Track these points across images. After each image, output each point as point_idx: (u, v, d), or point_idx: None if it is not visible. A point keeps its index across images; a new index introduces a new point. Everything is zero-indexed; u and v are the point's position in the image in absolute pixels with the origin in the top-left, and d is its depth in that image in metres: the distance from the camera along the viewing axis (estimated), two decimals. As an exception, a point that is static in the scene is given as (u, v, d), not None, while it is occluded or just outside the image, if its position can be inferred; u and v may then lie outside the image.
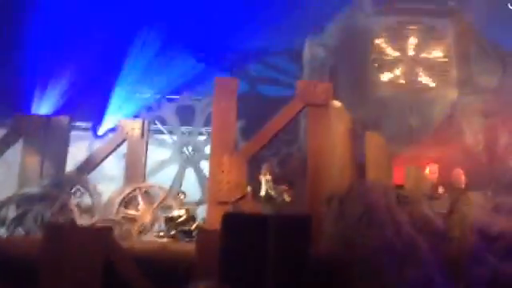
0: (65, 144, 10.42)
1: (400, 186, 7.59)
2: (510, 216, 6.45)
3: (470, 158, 10.79)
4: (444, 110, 11.70)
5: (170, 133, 13.70)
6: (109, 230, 7.67)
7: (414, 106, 11.54)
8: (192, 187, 12.17)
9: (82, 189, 9.38)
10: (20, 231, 8.54)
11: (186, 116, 13.73)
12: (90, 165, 10.28)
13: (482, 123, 11.87)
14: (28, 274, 6.59)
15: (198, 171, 13.06)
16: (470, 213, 6.46)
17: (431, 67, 12.34)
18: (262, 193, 8.33)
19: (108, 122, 12.82)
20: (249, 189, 8.53)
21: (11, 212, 8.70)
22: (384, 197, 6.69)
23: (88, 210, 9.18)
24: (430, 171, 8.58)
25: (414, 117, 11.38)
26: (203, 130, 13.60)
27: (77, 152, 11.56)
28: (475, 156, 10.95)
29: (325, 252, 6.49)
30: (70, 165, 10.60)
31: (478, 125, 11.78)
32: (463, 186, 8.26)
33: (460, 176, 8.50)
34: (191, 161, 13.32)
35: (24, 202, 8.66)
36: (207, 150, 12.82)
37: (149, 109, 13.64)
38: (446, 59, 12.33)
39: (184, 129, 13.55)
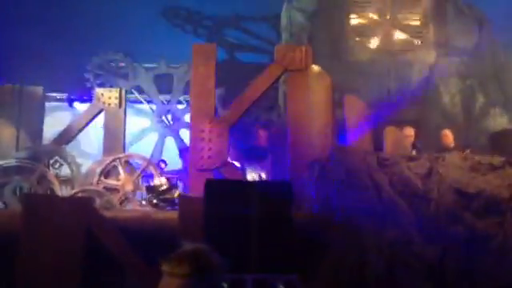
0: (40, 115, 10.23)
1: (380, 149, 7.67)
2: (487, 175, 6.58)
3: (447, 120, 10.93)
4: (421, 72, 11.75)
5: (149, 102, 13.56)
6: (90, 199, 7.64)
7: (392, 68, 11.56)
8: (172, 156, 12.14)
9: (60, 160, 9.26)
10: (-1, 204, 8.44)
11: (164, 84, 13.58)
12: (67, 136, 10.13)
13: (458, 85, 11.99)
14: (8, 246, 6.54)
15: (178, 140, 13.01)
16: (447, 173, 6.56)
17: (408, 30, 12.33)
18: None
19: (84, 92, 12.63)
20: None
21: (-12, 185, 8.57)
22: (364, 160, 6.75)
23: (68, 181, 9.10)
24: (406, 134, 8.68)
25: (392, 80, 11.42)
26: (182, 98, 13.48)
27: (54, 123, 11.39)
28: (452, 117, 11.09)
29: (307, 216, 6.56)
30: (48, 136, 10.45)
31: (454, 86, 11.89)
32: (452, 146, 8.40)
33: (448, 136, 8.63)
34: (171, 129, 13.25)
35: (1, 174, 8.52)
36: (187, 118, 12.76)
37: (126, 78, 13.44)
38: (423, 21, 12.32)
39: (162, 97, 13.42)
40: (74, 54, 12.92)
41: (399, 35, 12.11)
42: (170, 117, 13.39)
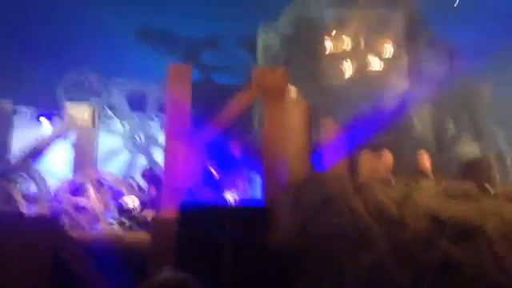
0: (7, 130, 9.92)
1: (355, 172, 7.68)
2: (460, 201, 6.65)
3: (420, 146, 11.08)
4: (395, 99, 11.95)
5: (121, 119, 13.36)
6: (57, 219, 7.40)
7: (366, 94, 11.73)
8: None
9: (26, 176, 8.97)
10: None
11: (137, 102, 13.42)
12: (35, 152, 9.84)
13: (430, 112, 12.23)
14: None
15: (150, 159, 12.82)
16: (422, 199, 6.60)
17: (382, 56, 12.56)
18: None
19: (54, 108, 12.34)
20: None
21: (-49, 202, 8.23)
22: (340, 185, 6.74)
23: (34, 199, 8.81)
24: (384, 158, 8.72)
25: (366, 105, 11.56)
26: (154, 116, 13.34)
27: (21, 139, 11.06)
28: (425, 143, 11.26)
29: (281, 241, 6.48)
30: (15, 151, 10.13)
31: (426, 113, 12.12)
32: (429, 169, 8.48)
33: (423, 156, 8.73)
34: (143, 148, 13.05)
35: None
36: (159, 137, 12.60)
37: (98, 94, 13.24)
38: (396, 49, 12.58)
39: (135, 115, 13.25)
40: (45, 68, 12.69)
41: (373, 61, 12.32)
42: (142, 135, 13.20)
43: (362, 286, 6.17)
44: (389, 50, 12.67)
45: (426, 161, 8.84)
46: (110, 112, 13.14)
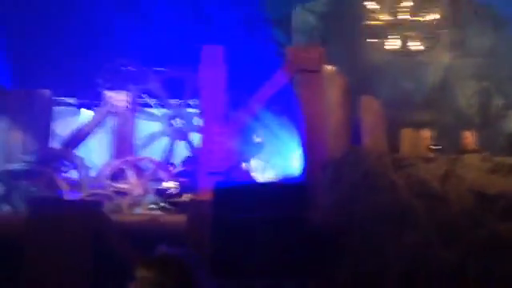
0: (48, 119, 10.12)
1: (396, 150, 7.45)
2: (507, 177, 6.32)
3: (462, 122, 10.67)
4: (437, 74, 11.51)
5: (159, 106, 13.42)
6: (98, 203, 7.49)
7: (407, 70, 11.35)
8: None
9: (68, 163, 9.13)
10: (7, 208, 8.31)
11: (173, 88, 13.43)
12: (76, 139, 10.01)
13: (474, 86, 11.74)
14: (15, 250, 6.41)
15: (188, 143, 12.83)
16: (466, 175, 6.31)
17: (424, 31, 12.11)
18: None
19: (93, 96, 12.51)
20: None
21: (-4, 189, 8.47)
22: (380, 161, 6.52)
23: (76, 185, 8.96)
24: (423, 136, 8.44)
25: (407, 81, 11.19)
26: (191, 101, 13.32)
27: (63, 127, 11.28)
28: (468, 119, 10.83)
29: (321, 219, 6.33)
30: (57, 140, 10.33)
31: (470, 88, 11.64)
32: (472, 148, 8.14)
33: (469, 138, 8.37)
34: (181, 133, 13.07)
35: (9, 178, 8.41)
36: (197, 121, 12.59)
37: (135, 82, 13.32)
38: (439, 22, 12.10)
39: (172, 101, 13.26)
40: (84, 58, 12.85)
41: (414, 36, 11.90)
42: (179, 120, 13.22)
43: (406, 265, 5.97)
44: (430, 23, 12.21)
45: (470, 143, 8.44)
46: (147, 99, 13.22)
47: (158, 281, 1.65)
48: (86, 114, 12.41)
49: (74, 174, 9.30)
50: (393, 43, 11.90)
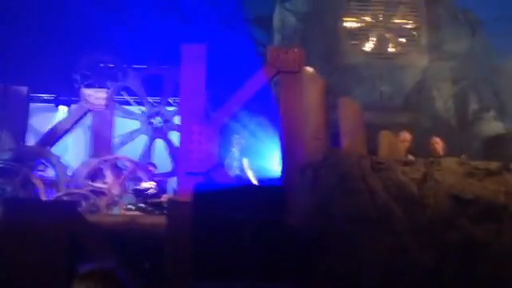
0: (24, 115, 9.94)
1: (374, 153, 7.50)
2: (484, 181, 6.42)
3: (440, 124, 10.81)
4: (414, 76, 11.64)
5: (138, 103, 13.29)
6: (75, 203, 7.39)
7: (386, 72, 11.44)
8: (161, 159, 11.87)
9: (45, 162, 8.99)
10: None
11: (153, 86, 13.31)
12: (52, 137, 9.85)
13: (451, 89, 11.90)
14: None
15: (168, 142, 12.74)
16: (443, 178, 6.39)
17: (401, 33, 12.23)
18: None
19: (71, 93, 12.33)
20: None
21: (-30, 187, 8.29)
22: (358, 164, 6.56)
23: (52, 184, 8.83)
24: (402, 138, 8.52)
25: (386, 83, 11.29)
26: (171, 100, 13.23)
27: (39, 124, 11.10)
28: (445, 121, 10.98)
29: (299, 222, 6.36)
30: (33, 138, 10.16)
31: (447, 91, 11.79)
32: (440, 153, 8.23)
33: (438, 144, 8.45)
34: (160, 132, 12.98)
35: (-16, 177, 8.25)
36: (176, 120, 12.51)
37: (114, 79, 13.16)
38: (416, 25, 12.23)
39: (152, 99, 13.14)
40: (61, 54, 12.64)
41: (392, 39, 12.00)
42: (159, 119, 13.12)
43: (382, 268, 6.03)
44: (408, 26, 12.33)
45: (439, 147, 8.52)
46: (126, 96, 13.07)
47: None
48: (63, 111, 12.24)
49: (50, 173, 9.16)
50: (371, 45, 11.99)
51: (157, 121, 13.13)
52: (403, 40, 12.12)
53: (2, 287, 6.40)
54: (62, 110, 12.48)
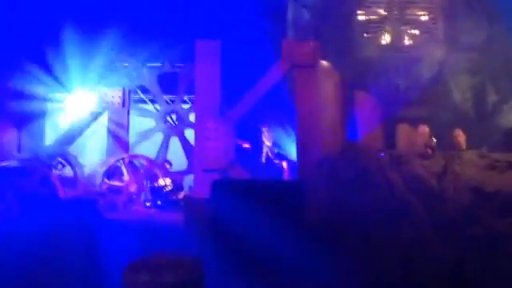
0: (42, 116, 10.03)
1: (392, 146, 7.41)
2: (505, 173, 6.32)
3: (458, 117, 10.63)
4: (431, 69, 11.45)
5: (153, 102, 13.33)
6: (93, 201, 7.43)
7: (401, 65, 11.27)
8: (177, 156, 11.90)
9: (63, 161, 9.06)
10: (1, 206, 8.23)
11: (168, 84, 13.33)
12: (70, 137, 9.93)
13: (469, 81, 11.70)
14: (9, 248, 6.36)
15: (183, 140, 12.76)
16: (463, 171, 6.30)
17: (417, 25, 12.05)
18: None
19: (87, 93, 12.40)
20: None
21: (-10, 187, 8.37)
22: (376, 157, 6.50)
23: (70, 183, 8.89)
24: (420, 132, 8.38)
25: (401, 76, 11.14)
26: (186, 97, 13.24)
27: (57, 124, 11.18)
28: (463, 114, 10.79)
29: (318, 216, 6.31)
30: (50, 138, 10.25)
31: (465, 83, 11.60)
32: (463, 146, 8.07)
33: (461, 137, 8.29)
34: (175, 130, 13.00)
35: (3, 176, 8.32)
36: (191, 118, 12.53)
37: (129, 78, 13.20)
38: (432, 17, 12.04)
39: (167, 97, 13.17)
40: (77, 54, 12.72)
41: (408, 31, 11.83)
42: (174, 117, 13.14)
43: (402, 262, 5.97)
44: (424, 18, 12.15)
45: (461, 139, 8.34)
46: (142, 95, 13.13)
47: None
48: (80, 111, 12.30)
49: (67, 172, 9.23)
50: (386, 38, 11.84)
51: (172, 119, 13.17)
52: (419, 32, 11.94)
53: (23, 282, 6.47)
54: (79, 110, 12.55)
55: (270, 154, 8.22)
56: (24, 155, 8.84)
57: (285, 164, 8.88)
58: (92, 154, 10.94)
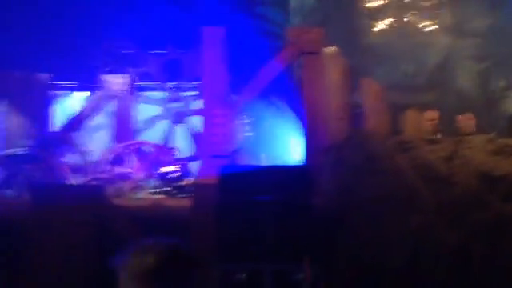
0: (48, 103, 10.05)
1: (399, 132, 7.41)
2: (512, 158, 6.31)
3: (464, 103, 10.63)
4: (437, 55, 11.42)
5: (158, 89, 13.32)
6: (101, 188, 7.47)
7: (407, 51, 11.25)
8: (183, 143, 11.91)
9: (70, 148, 9.09)
10: (9, 193, 8.28)
11: (173, 71, 13.30)
12: (76, 123, 9.95)
13: (475, 67, 11.67)
14: (17, 235, 6.40)
15: (189, 127, 12.76)
16: (472, 157, 6.29)
17: (423, 11, 11.99)
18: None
19: (92, 80, 12.39)
20: None
21: (-2, 174, 8.43)
22: (383, 144, 6.50)
23: (78, 169, 8.93)
24: (428, 117, 8.35)
25: (407, 63, 11.11)
26: (191, 84, 13.21)
27: (63, 111, 11.20)
28: (470, 100, 10.78)
29: (325, 203, 6.33)
30: (57, 124, 10.27)
31: (471, 69, 11.57)
32: (473, 130, 8.02)
33: (471, 120, 8.22)
34: (181, 116, 13.00)
35: (11, 163, 8.36)
36: (197, 105, 12.52)
37: (134, 65, 13.18)
38: (438, 2, 11.98)
39: (172, 84, 13.15)
40: (82, 41, 12.68)
41: (413, 17, 11.78)
42: (179, 104, 13.13)
43: (409, 248, 5.99)
44: (430, 3, 12.08)
45: (470, 125, 8.26)
46: (146, 82, 13.11)
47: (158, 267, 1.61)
48: (85, 98, 12.31)
49: (73, 159, 9.26)
50: (392, 24, 11.79)
51: (177, 106, 13.16)
52: (425, 18, 11.88)
53: (31, 270, 6.52)
54: (83, 97, 12.56)
55: None
56: (31, 142, 8.86)
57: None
58: (99, 140, 10.97)
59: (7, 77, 10.01)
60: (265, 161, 8.73)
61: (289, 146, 10.18)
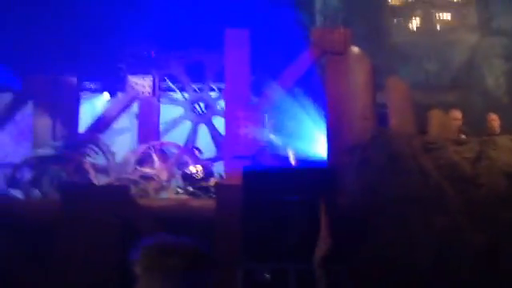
0: (75, 104, 10.23)
1: (424, 132, 7.33)
2: (540, 159, 6.19)
3: (490, 102, 10.45)
4: (463, 54, 11.26)
5: (181, 90, 13.42)
6: (126, 188, 7.56)
7: (433, 50, 11.11)
8: (206, 144, 11.99)
9: (95, 149, 9.23)
10: (36, 193, 8.45)
11: (196, 72, 13.39)
12: (102, 125, 10.10)
13: (502, 66, 11.47)
14: (46, 235, 6.52)
15: (211, 128, 12.84)
16: (498, 157, 6.19)
17: (448, 10, 11.84)
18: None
19: (118, 81, 12.56)
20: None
21: (26, 174, 8.60)
22: (408, 144, 6.44)
23: (103, 170, 9.06)
24: (453, 117, 8.25)
25: (432, 62, 10.98)
26: (214, 85, 13.28)
27: (88, 112, 11.38)
28: (496, 100, 10.59)
29: (349, 203, 6.30)
30: (83, 125, 10.44)
31: (498, 68, 11.38)
32: (498, 131, 7.92)
33: (495, 121, 8.13)
34: (204, 117, 13.08)
35: (39, 163, 8.54)
36: (219, 105, 12.59)
37: (158, 66, 13.31)
38: (465, 1, 11.81)
39: (195, 85, 13.24)
40: (107, 43, 12.86)
41: (440, 15, 11.64)
42: (202, 105, 13.21)
43: (435, 249, 5.92)
44: (456, 1, 11.93)
45: (496, 124, 8.17)
46: (170, 83, 13.23)
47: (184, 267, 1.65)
48: (111, 100, 12.49)
49: (99, 159, 9.39)
50: (417, 23, 11.67)
51: (200, 107, 13.24)
52: (450, 16, 11.73)
53: (58, 268, 6.64)
54: (109, 99, 12.74)
55: None
56: (58, 143, 9.02)
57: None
58: (123, 141, 11.12)
59: (36, 79, 10.22)
60: (292, 158, 8.70)
61: (315, 142, 10.14)
